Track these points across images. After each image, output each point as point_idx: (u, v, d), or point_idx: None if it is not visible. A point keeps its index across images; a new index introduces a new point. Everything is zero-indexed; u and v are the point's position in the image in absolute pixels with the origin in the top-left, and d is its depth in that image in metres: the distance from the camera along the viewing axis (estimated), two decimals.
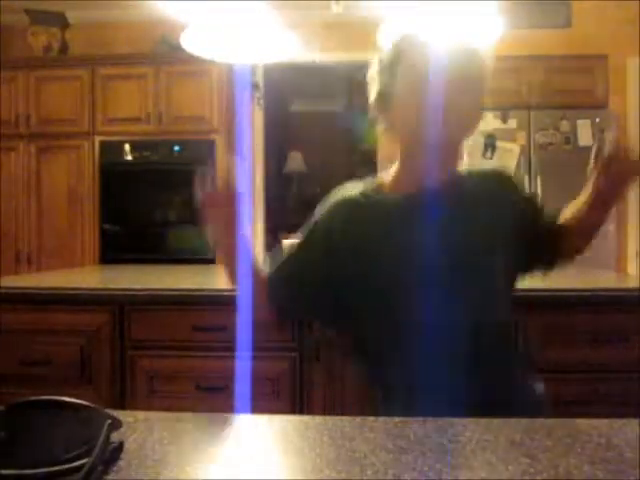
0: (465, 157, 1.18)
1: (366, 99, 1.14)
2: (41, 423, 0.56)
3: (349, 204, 1.07)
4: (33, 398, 0.58)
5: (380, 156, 4.55)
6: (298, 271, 1.10)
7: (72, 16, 3.97)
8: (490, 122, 3.71)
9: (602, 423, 0.66)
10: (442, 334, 0.94)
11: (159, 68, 3.68)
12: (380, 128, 1.10)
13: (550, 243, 1.18)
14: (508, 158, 3.69)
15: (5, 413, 0.56)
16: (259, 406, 1.21)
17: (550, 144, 3.68)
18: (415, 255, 0.99)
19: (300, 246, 1.12)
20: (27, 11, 3.84)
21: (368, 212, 1.05)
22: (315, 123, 5.79)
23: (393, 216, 1.04)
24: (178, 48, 3.22)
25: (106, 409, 0.59)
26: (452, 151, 1.07)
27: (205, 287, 1.73)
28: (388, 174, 1.11)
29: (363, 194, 1.07)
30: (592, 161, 1.11)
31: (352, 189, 1.10)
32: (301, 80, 4.71)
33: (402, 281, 1.00)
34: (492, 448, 0.59)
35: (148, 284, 1.80)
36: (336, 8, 3.03)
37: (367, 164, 4.51)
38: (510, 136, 3.70)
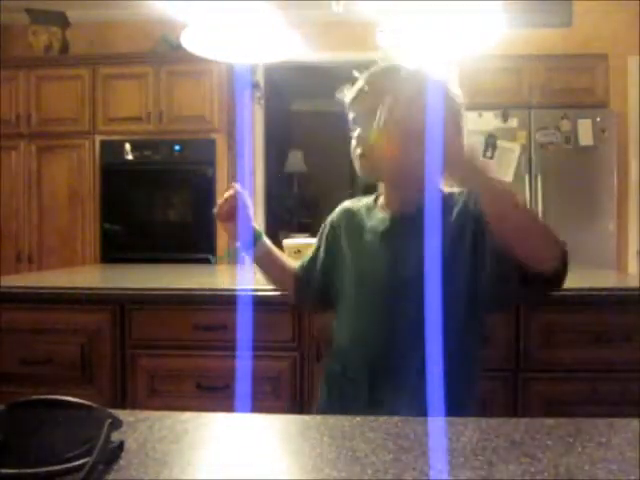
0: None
1: None
2: (41, 423, 0.56)
3: (346, 211, 1.29)
4: (34, 397, 0.58)
5: None
6: (312, 270, 1.32)
7: (73, 15, 3.97)
8: (491, 121, 3.71)
9: (602, 423, 0.66)
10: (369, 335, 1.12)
11: (159, 68, 3.69)
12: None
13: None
14: (508, 157, 3.69)
15: (5, 413, 0.56)
16: (259, 406, 1.21)
17: (551, 143, 3.68)
18: (371, 265, 1.16)
19: (314, 247, 1.35)
20: (28, 10, 3.84)
21: (356, 220, 1.24)
22: (315, 123, 5.79)
23: (370, 229, 1.20)
24: (178, 47, 3.22)
25: (107, 408, 0.59)
26: (408, 187, 1.16)
27: (205, 287, 1.73)
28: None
29: (360, 205, 1.27)
30: None
31: (354, 201, 1.31)
32: (301, 80, 4.71)
33: (356, 282, 1.18)
34: (492, 448, 0.59)
35: (149, 283, 1.80)
36: (336, 8, 3.02)
37: None
38: (510, 135, 3.70)
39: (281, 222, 5.44)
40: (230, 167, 3.73)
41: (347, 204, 1.31)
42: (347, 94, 1.19)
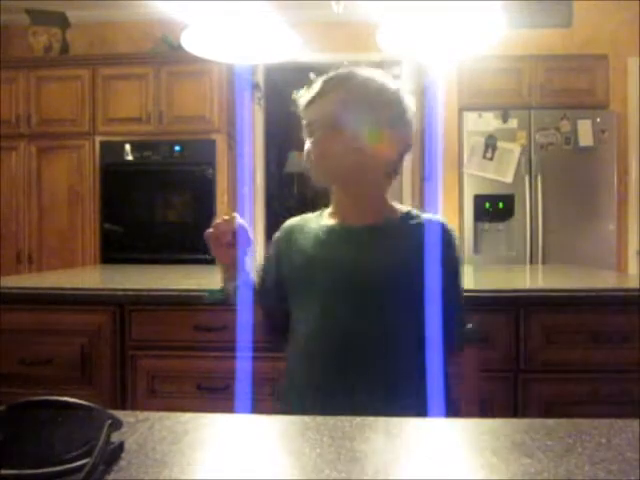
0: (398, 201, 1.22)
1: None
2: (41, 423, 0.56)
3: (293, 227, 1.26)
4: (33, 398, 0.58)
5: None
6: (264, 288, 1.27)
7: (73, 16, 3.97)
8: (490, 122, 3.71)
9: (602, 423, 0.66)
10: (320, 340, 1.11)
11: (159, 68, 3.69)
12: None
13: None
14: (508, 158, 3.69)
15: (5, 413, 0.56)
16: (259, 406, 1.21)
17: (550, 144, 3.69)
18: (313, 270, 1.14)
19: (262, 267, 1.30)
20: (27, 11, 3.84)
21: (302, 231, 1.22)
22: None
23: (314, 237, 1.18)
24: (178, 48, 3.22)
25: (107, 409, 0.59)
26: (361, 195, 1.17)
27: (206, 287, 1.72)
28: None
29: (303, 219, 1.26)
30: None
31: (298, 218, 1.28)
32: (301, 80, 4.71)
33: (302, 289, 1.16)
34: (492, 448, 0.59)
35: (149, 284, 1.80)
36: (336, 8, 3.02)
37: None
38: (510, 136, 3.70)
39: (281, 222, 5.44)
40: (230, 167, 3.73)
41: (291, 221, 1.28)
42: (302, 97, 1.18)
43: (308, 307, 1.14)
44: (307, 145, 1.16)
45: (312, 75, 1.19)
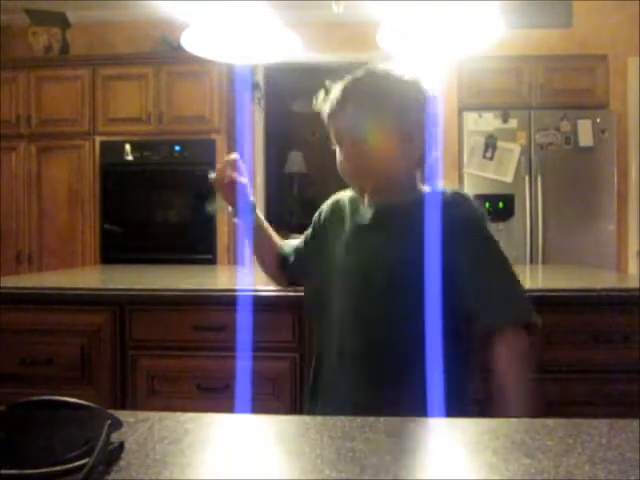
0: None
1: None
2: (41, 423, 0.56)
3: (335, 203, 1.31)
4: (33, 398, 0.58)
5: None
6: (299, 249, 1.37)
7: (73, 16, 3.97)
8: (490, 122, 3.71)
9: (602, 423, 0.66)
10: (340, 328, 1.14)
11: (159, 68, 3.68)
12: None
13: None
14: (508, 158, 3.69)
15: (5, 413, 0.56)
16: (259, 406, 1.21)
17: (550, 144, 3.68)
18: (340, 255, 1.18)
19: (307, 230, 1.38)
20: (27, 11, 3.84)
21: (342, 212, 1.26)
22: (315, 123, 5.78)
23: (353, 221, 1.21)
24: (178, 48, 3.22)
25: (106, 409, 0.59)
26: (376, 186, 1.17)
27: (205, 287, 1.72)
28: None
29: (346, 197, 1.28)
30: None
31: (344, 193, 1.31)
32: (301, 80, 4.70)
33: (328, 270, 1.20)
34: (492, 448, 0.59)
35: (148, 284, 1.80)
36: (336, 8, 3.02)
37: None
38: (510, 136, 3.70)
39: (281, 222, 5.45)
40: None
41: (338, 195, 1.33)
42: (323, 106, 1.17)
43: (339, 293, 1.16)
44: (338, 156, 1.18)
45: (327, 82, 1.17)
